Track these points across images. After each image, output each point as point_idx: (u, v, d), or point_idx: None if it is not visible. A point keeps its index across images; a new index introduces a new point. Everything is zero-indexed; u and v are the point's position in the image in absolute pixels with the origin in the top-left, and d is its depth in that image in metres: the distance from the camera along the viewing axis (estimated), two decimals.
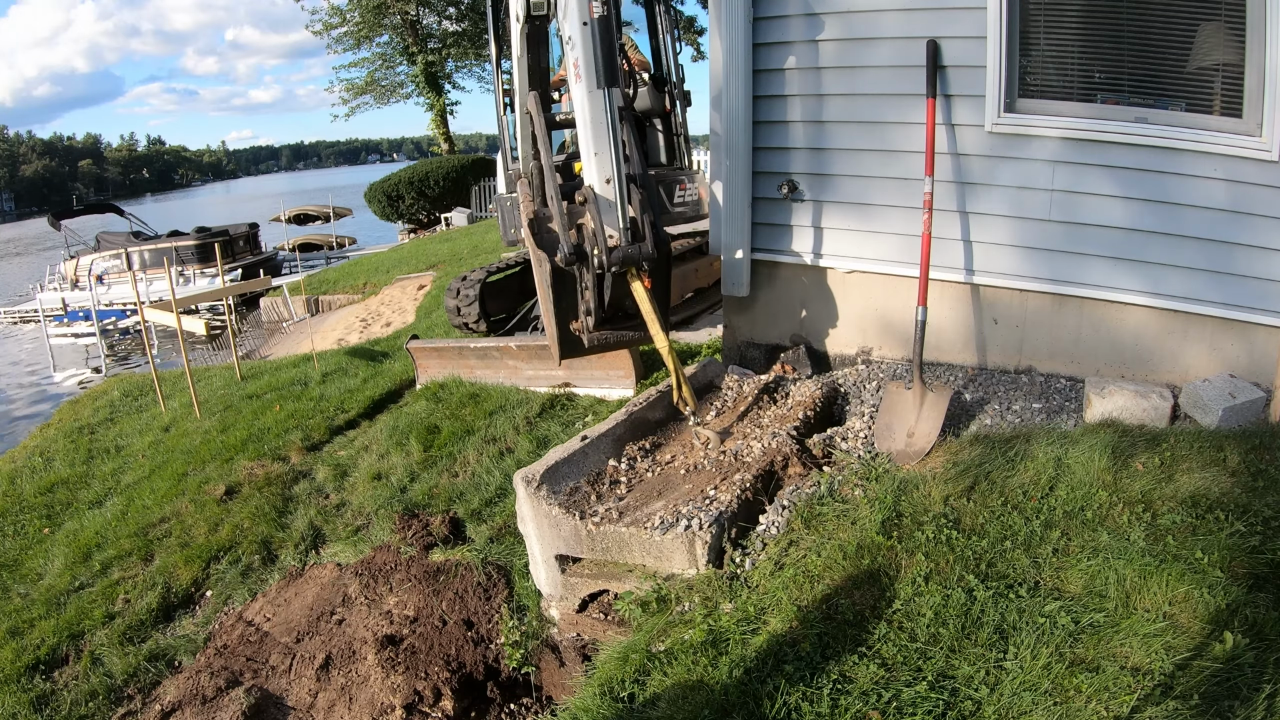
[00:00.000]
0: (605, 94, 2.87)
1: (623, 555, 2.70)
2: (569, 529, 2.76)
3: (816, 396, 3.53)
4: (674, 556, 2.60)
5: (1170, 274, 3.27)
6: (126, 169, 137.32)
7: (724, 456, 3.08)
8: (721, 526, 2.61)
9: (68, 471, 5.80)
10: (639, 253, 2.86)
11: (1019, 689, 1.94)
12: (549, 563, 2.91)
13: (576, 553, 2.80)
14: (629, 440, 3.26)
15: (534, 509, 2.86)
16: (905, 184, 3.66)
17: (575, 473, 2.99)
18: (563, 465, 2.97)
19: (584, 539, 2.73)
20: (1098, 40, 3.30)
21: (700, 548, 2.56)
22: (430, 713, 2.96)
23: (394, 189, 22.97)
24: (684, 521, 2.62)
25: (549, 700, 2.88)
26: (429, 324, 8.57)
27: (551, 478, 2.90)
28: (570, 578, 2.82)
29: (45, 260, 21.90)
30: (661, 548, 2.61)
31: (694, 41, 22.30)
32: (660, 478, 3.01)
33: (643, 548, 2.64)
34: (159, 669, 3.59)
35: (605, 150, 2.92)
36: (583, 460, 3.04)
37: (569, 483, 2.93)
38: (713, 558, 2.57)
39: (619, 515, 2.75)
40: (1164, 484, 2.66)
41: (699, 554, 2.56)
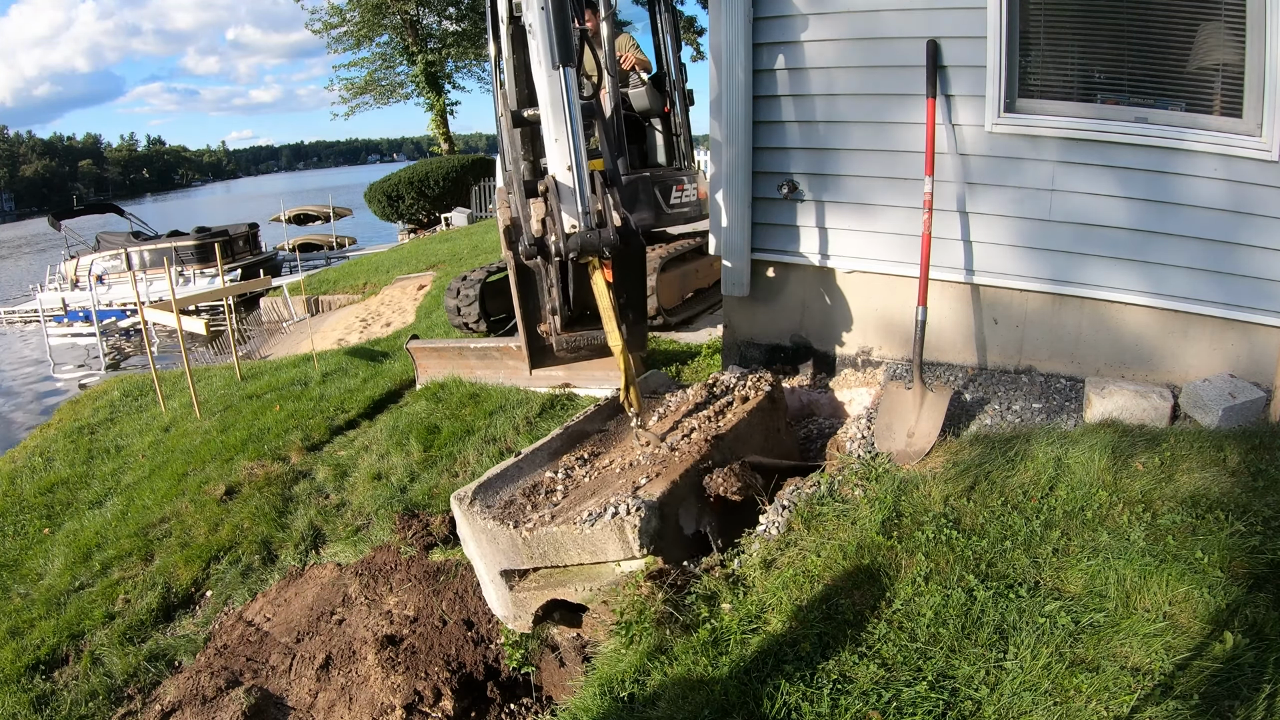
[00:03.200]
0: (561, 74, 2.79)
1: (560, 556, 2.63)
2: (506, 540, 2.68)
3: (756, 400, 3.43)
4: (607, 546, 2.53)
5: (1170, 274, 3.27)
6: (126, 169, 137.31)
7: (659, 450, 2.99)
8: (652, 510, 2.52)
9: (68, 471, 5.80)
10: (599, 239, 2.70)
11: (1019, 689, 1.94)
12: (496, 582, 2.82)
13: (518, 564, 2.71)
14: (565, 452, 3.17)
15: (471, 526, 2.77)
16: (905, 184, 3.66)
17: (510, 486, 2.90)
18: (496, 480, 2.88)
19: (521, 547, 2.65)
20: (1098, 40, 3.30)
21: (631, 533, 2.48)
22: (430, 713, 2.96)
23: (394, 189, 22.97)
24: (610, 509, 2.55)
25: (549, 700, 2.88)
26: (429, 324, 8.57)
27: (485, 493, 2.82)
28: (518, 593, 2.74)
29: (45, 260, 21.89)
30: (593, 540, 2.54)
31: (694, 41, 22.31)
32: (596, 480, 2.93)
33: (576, 544, 2.57)
34: (159, 669, 3.59)
35: (564, 135, 2.81)
36: (517, 474, 2.96)
37: (503, 496, 2.85)
38: (646, 542, 2.49)
39: (552, 518, 2.67)
40: (1164, 484, 2.66)
41: (630, 539, 2.49)
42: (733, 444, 3.07)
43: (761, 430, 3.31)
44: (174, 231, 18.91)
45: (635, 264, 3.01)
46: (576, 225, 2.77)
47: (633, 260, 2.98)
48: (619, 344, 2.86)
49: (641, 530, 2.48)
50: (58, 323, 15.41)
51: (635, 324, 3.14)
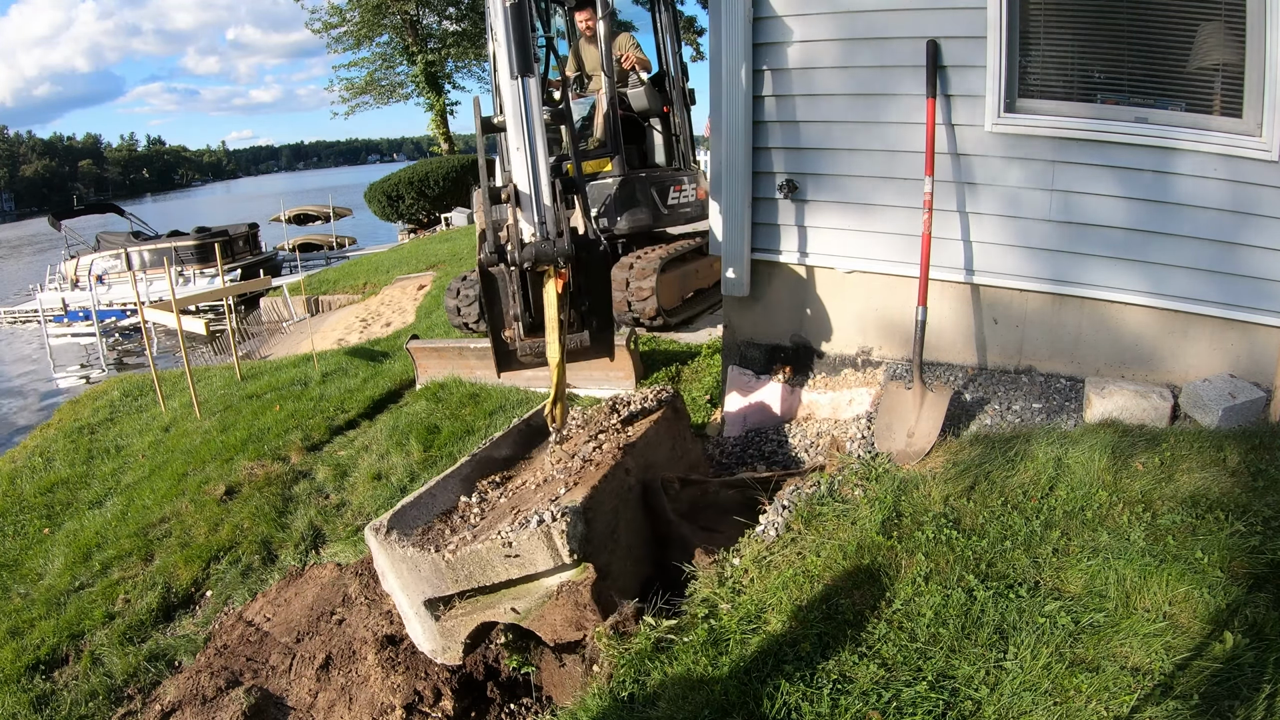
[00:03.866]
0: (519, 83, 2.79)
1: (487, 575, 2.55)
2: (428, 566, 2.59)
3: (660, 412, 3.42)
4: (535, 556, 2.47)
5: (1170, 274, 3.27)
6: (126, 169, 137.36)
7: (573, 463, 2.95)
8: (577, 515, 2.47)
9: (68, 471, 5.80)
10: (553, 249, 2.71)
11: (1019, 689, 1.94)
12: (420, 614, 2.69)
13: (442, 590, 2.63)
14: (478, 478, 3.13)
15: (389, 556, 2.67)
16: (905, 184, 3.66)
17: (425, 515, 2.84)
18: (410, 509, 2.81)
19: (445, 571, 2.57)
20: (1098, 40, 3.30)
21: (559, 539, 2.42)
22: (430, 713, 2.96)
23: (394, 189, 22.96)
24: (535, 519, 2.49)
25: (549, 700, 2.88)
26: (429, 324, 8.57)
27: (401, 522, 2.74)
28: (445, 623, 2.65)
29: (45, 260, 21.89)
30: (520, 550, 2.47)
31: (694, 42, 22.32)
32: (513, 499, 2.89)
33: (503, 560, 2.50)
34: (159, 669, 3.59)
35: (522, 144, 2.82)
36: (431, 502, 2.90)
37: (420, 524, 2.79)
38: (576, 548, 2.45)
39: (474, 538, 2.61)
40: (1164, 484, 2.66)
41: (559, 545, 2.43)
42: (644, 451, 3.06)
43: (669, 438, 3.32)
44: (174, 231, 18.90)
45: (598, 271, 3.02)
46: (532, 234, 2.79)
47: (596, 267, 2.99)
48: (557, 357, 2.86)
49: (569, 535, 2.41)
50: (58, 323, 15.41)
51: (600, 330, 3.15)
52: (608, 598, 2.52)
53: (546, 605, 2.50)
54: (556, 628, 2.48)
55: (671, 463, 3.29)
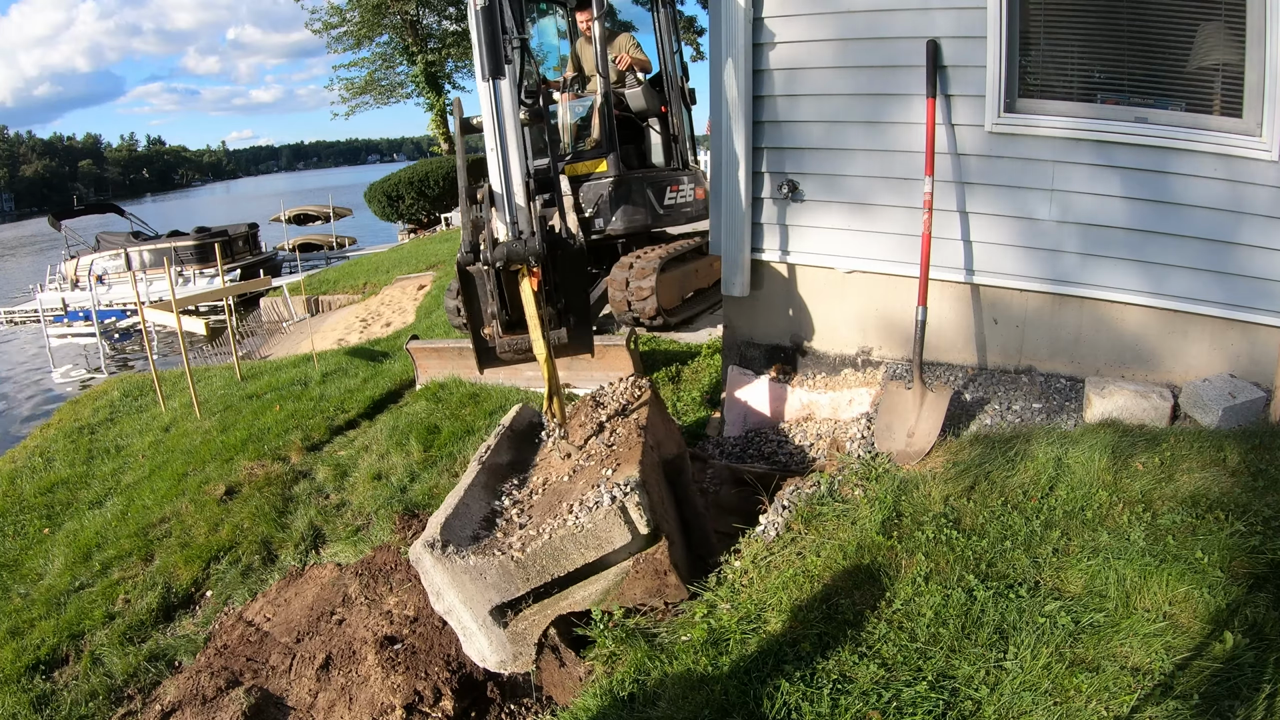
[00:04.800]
0: (490, 85, 2.83)
1: (561, 565, 2.52)
2: (495, 571, 2.52)
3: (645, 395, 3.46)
4: (613, 534, 2.46)
5: (1170, 273, 3.27)
6: (126, 169, 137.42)
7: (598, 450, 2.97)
8: (640, 487, 2.47)
9: (68, 471, 5.80)
10: (523, 249, 2.75)
11: (1019, 689, 1.94)
12: (486, 625, 2.61)
13: (512, 593, 2.57)
14: (496, 484, 3.10)
15: (449, 571, 2.56)
16: (905, 184, 3.66)
17: (469, 525, 2.80)
18: (454, 522, 2.75)
19: (515, 572, 2.51)
20: (1098, 40, 3.30)
21: (635, 510, 2.41)
22: (430, 713, 2.96)
23: (394, 189, 22.97)
24: (606, 497, 2.48)
25: (549, 700, 2.87)
26: (429, 324, 8.57)
27: (450, 534, 2.67)
28: (516, 626, 2.60)
29: (45, 260, 21.88)
30: (597, 533, 2.45)
31: (694, 42, 22.32)
32: (550, 494, 2.87)
33: (578, 544, 2.48)
34: (159, 669, 3.58)
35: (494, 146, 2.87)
36: (467, 512, 2.85)
37: (468, 532, 2.74)
38: (651, 518, 2.45)
39: (538, 533, 2.57)
40: (1164, 484, 2.66)
41: (635, 518, 2.43)
42: (653, 431, 3.12)
43: (660, 418, 3.40)
44: (174, 231, 18.91)
45: (575, 267, 3.05)
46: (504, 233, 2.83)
47: (572, 264, 3.01)
48: (543, 352, 2.88)
49: (644, 505, 2.43)
50: (58, 323, 15.41)
51: (579, 327, 3.18)
52: (681, 561, 2.57)
53: (625, 582, 2.50)
54: (638, 601, 2.49)
55: (669, 439, 3.36)
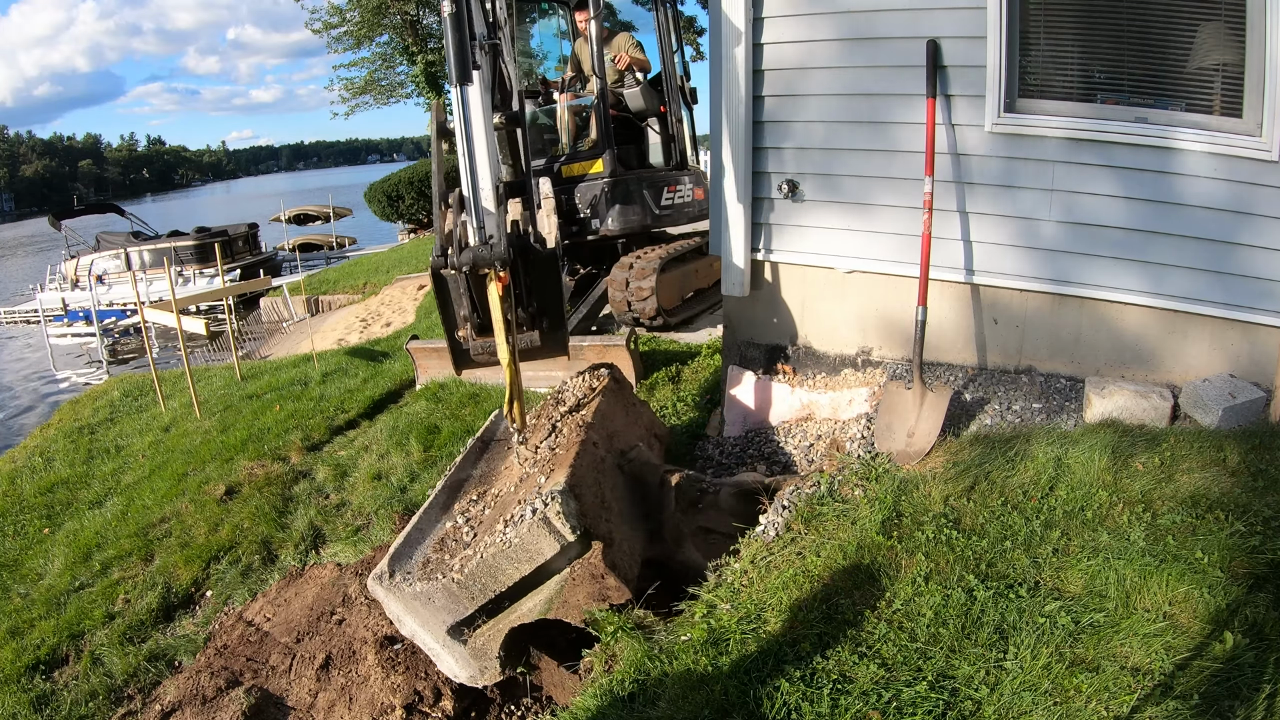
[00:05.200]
0: (459, 91, 2.86)
1: (500, 581, 2.56)
2: (441, 594, 2.58)
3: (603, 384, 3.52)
4: (540, 545, 2.49)
5: (1170, 274, 3.27)
6: (126, 169, 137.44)
7: (541, 454, 3.02)
8: (566, 494, 2.50)
9: (68, 471, 5.80)
10: (489, 254, 2.77)
11: (1019, 689, 1.94)
12: (448, 644, 2.68)
13: (461, 614, 2.62)
14: (454, 502, 3.15)
15: (399, 599, 2.64)
16: (905, 184, 3.66)
17: (419, 549, 2.87)
18: (404, 549, 2.84)
19: (459, 593, 2.56)
20: (1098, 40, 3.30)
21: (557, 520, 2.45)
22: (430, 713, 2.96)
23: (394, 189, 22.97)
24: (528, 510, 2.51)
25: (549, 700, 2.88)
26: (429, 324, 8.57)
27: (399, 562, 2.76)
28: (475, 641, 2.65)
29: (45, 260, 21.88)
30: (525, 546, 2.49)
31: (694, 42, 22.30)
32: (497, 508, 2.92)
33: (510, 560, 2.51)
34: (159, 669, 3.58)
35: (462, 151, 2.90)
36: (420, 537, 2.93)
37: (418, 559, 2.80)
38: (576, 524, 2.46)
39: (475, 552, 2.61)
40: (1164, 484, 2.66)
41: (559, 527, 2.45)
42: (602, 424, 3.15)
43: (620, 407, 3.43)
44: (174, 231, 18.90)
45: (547, 271, 3.08)
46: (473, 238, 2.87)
47: (543, 268, 3.05)
48: (506, 356, 2.91)
49: (565, 513, 2.46)
50: (58, 323, 15.40)
51: (552, 330, 3.21)
52: (621, 562, 2.57)
53: (566, 589, 2.52)
54: (582, 607, 2.50)
55: (630, 427, 3.39)
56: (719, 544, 3.00)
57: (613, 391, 3.44)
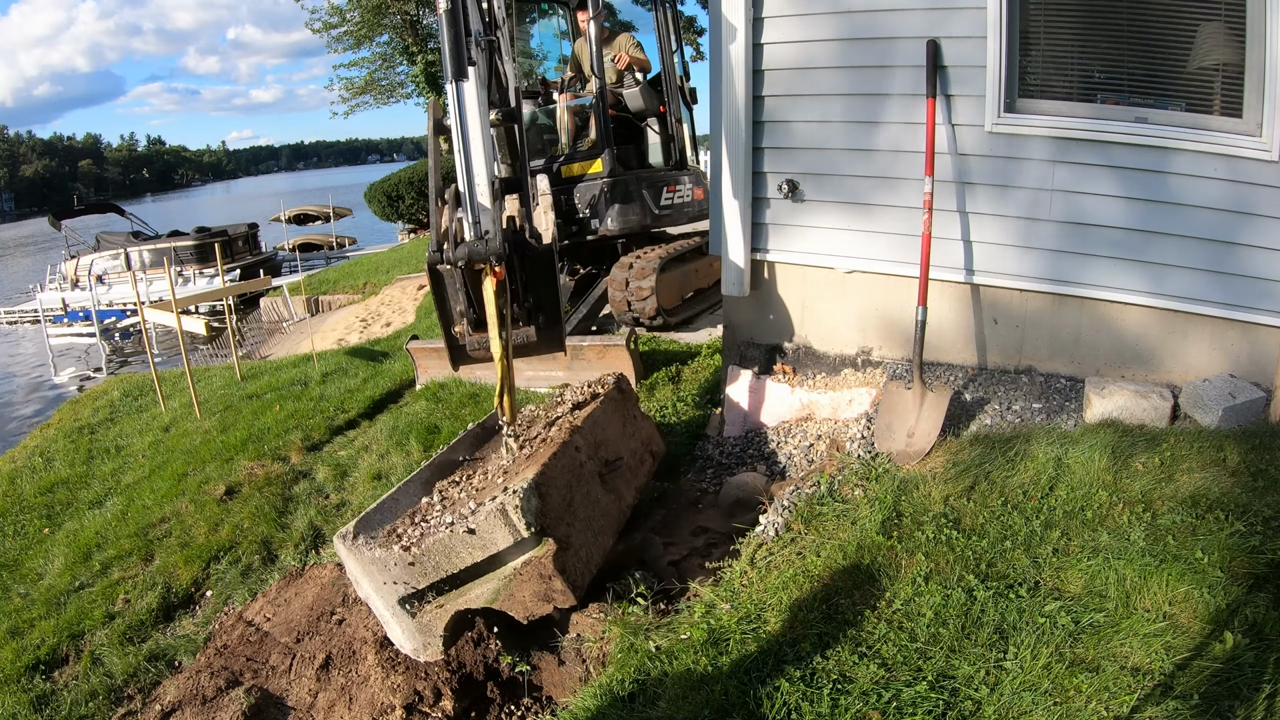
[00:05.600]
0: (454, 87, 2.89)
1: (453, 563, 2.62)
2: (395, 563, 2.63)
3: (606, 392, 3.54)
4: (495, 535, 2.54)
5: (1170, 274, 3.27)
6: (126, 169, 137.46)
7: (524, 450, 3.06)
8: (530, 490, 2.54)
9: (68, 471, 5.80)
10: (484, 248, 2.80)
11: (1019, 689, 1.94)
12: (397, 614, 2.72)
13: (413, 587, 2.68)
14: (438, 480, 3.19)
15: (359, 562, 2.71)
16: (905, 184, 3.66)
17: (389, 518, 2.91)
18: (375, 515, 2.89)
19: (413, 566, 2.62)
20: (1098, 40, 3.30)
21: (514, 514, 2.49)
22: (430, 713, 2.96)
23: (394, 189, 22.98)
24: (491, 499, 2.57)
25: (549, 700, 2.87)
26: (429, 324, 8.57)
27: (366, 527, 2.81)
28: (422, 619, 2.69)
29: (45, 260, 21.88)
30: (481, 533, 2.55)
31: (694, 41, 22.30)
32: (473, 493, 2.96)
33: (465, 543, 2.58)
34: (159, 669, 3.58)
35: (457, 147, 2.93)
36: (395, 506, 2.98)
37: (385, 527, 2.85)
38: (532, 520, 2.51)
39: (434, 531, 2.67)
40: (1164, 484, 2.66)
41: (515, 520, 2.50)
42: (592, 430, 3.16)
43: (617, 417, 3.43)
44: (174, 231, 18.91)
45: (542, 267, 3.10)
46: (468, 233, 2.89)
47: (539, 264, 3.07)
48: (498, 350, 2.94)
49: (523, 509, 2.49)
50: (57, 323, 15.40)
51: (549, 326, 3.23)
52: (572, 567, 2.59)
53: (514, 583, 2.56)
54: (527, 604, 2.54)
55: (624, 439, 3.40)
56: (720, 544, 3.01)
57: (614, 401, 3.44)
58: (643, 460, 3.47)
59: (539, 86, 7.06)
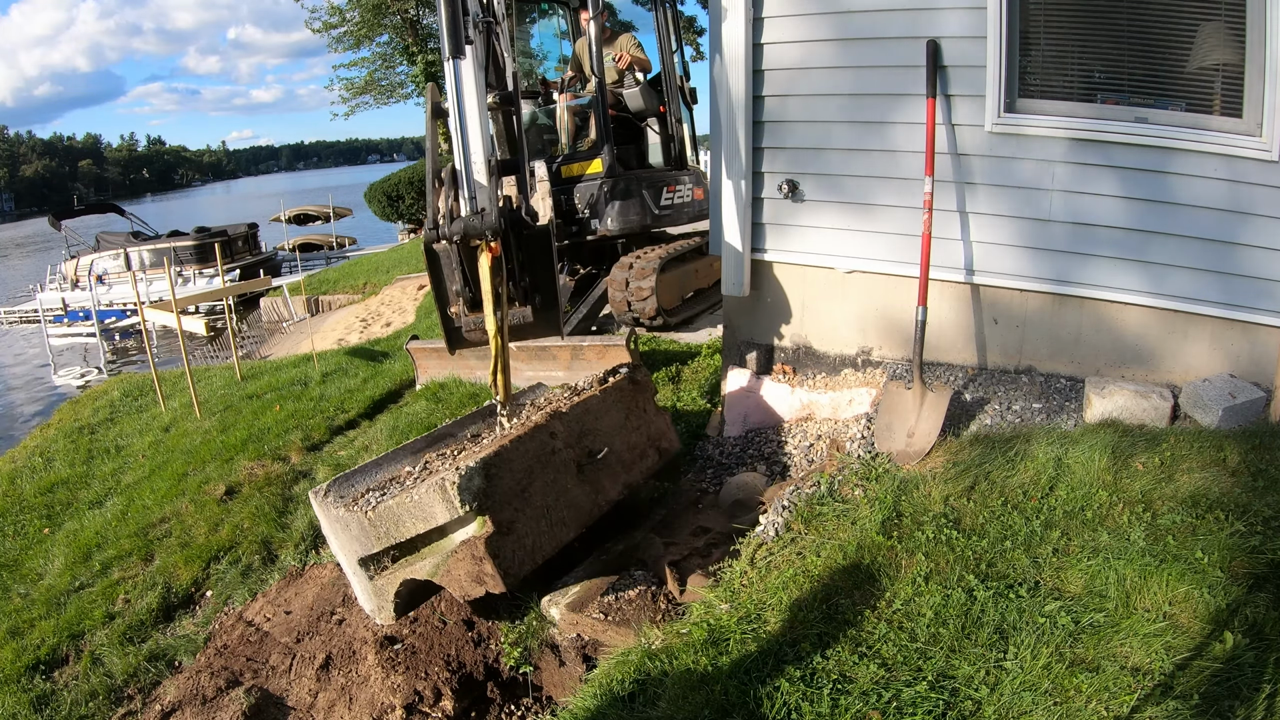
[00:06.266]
0: (452, 65, 2.93)
1: (401, 531, 2.68)
2: (356, 525, 2.72)
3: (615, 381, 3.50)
4: (434, 509, 2.58)
5: (1171, 273, 3.27)
6: (126, 169, 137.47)
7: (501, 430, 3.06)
8: (475, 470, 2.55)
9: (68, 471, 5.80)
10: (480, 223, 2.82)
11: (1019, 689, 1.94)
12: (357, 573, 2.82)
13: (370, 549, 2.75)
14: (429, 450, 3.21)
15: (326, 518, 2.80)
16: (905, 184, 3.66)
17: (367, 480, 2.97)
18: (355, 475, 2.95)
19: (369, 529, 2.70)
20: (1098, 40, 3.30)
21: (451, 489, 2.51)
22: (430, 713, 2.96)
23: (394, 189, 22.98)
24: (437, 475, 2.61)
25: (549, 700, 2.88)
26: (429, 324, 8.57)
27: (340, 485, 2.88)
28: (377, 581, 2.76)
29: (45, 260, 21.88)
30: (421, 504, 2.59)
31: (694, 42, 22.29)
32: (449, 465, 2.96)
33: (410, 513, 2.63)
34: (159, 669, 3.58)
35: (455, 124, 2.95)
36: (376, 470, 3.03)
37: (359, 488, 2.91)
38: (469, 499, 2.52)
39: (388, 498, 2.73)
40: (1164, 484, 2.66)
41: (452, 496, 2.52)
42: (580, 418, 3.10)
43: (621, 408, 3.36)
44: (174, 231, 18.91)
45: (539, 247, 3.10)
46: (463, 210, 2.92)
47: (536, 243, 3.07)
48: (493, 327, 2.94)
49: (461, 487, 2.50)
50: (58, 323, 15.40)
51: (545, 308, 3.21)
52: (508, 554, 2.58)
53: (451, 560, 2.58)
54: (462, 583, 2.56)
55: (623, 431, 3.33)
56: (720, 544, 3.00)
57: (620, 390, 3.38)
58: (643, 455, 3.40)
59: (539, 86, 7.06)
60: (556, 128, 6.79)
